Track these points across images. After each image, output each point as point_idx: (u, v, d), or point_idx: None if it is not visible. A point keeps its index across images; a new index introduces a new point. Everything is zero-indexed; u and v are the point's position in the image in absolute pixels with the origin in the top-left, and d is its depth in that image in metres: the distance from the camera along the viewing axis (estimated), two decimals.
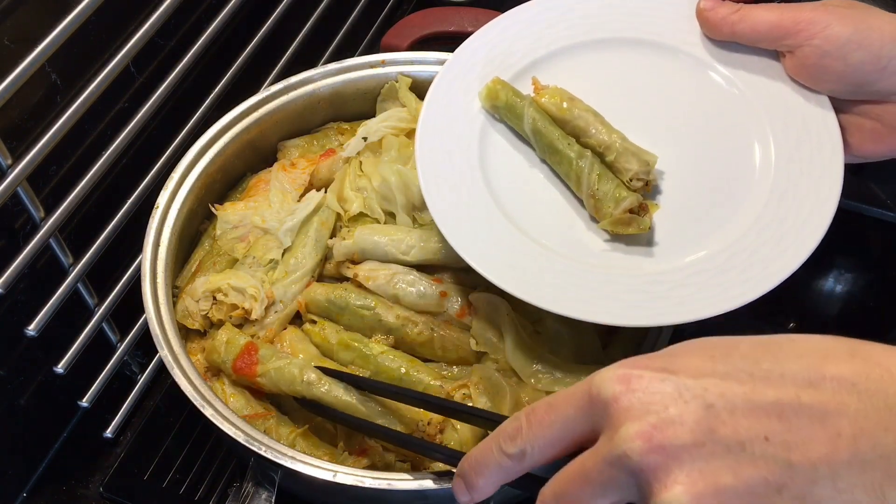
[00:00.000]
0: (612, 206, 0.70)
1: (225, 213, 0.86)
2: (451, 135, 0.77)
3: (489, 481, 0.53)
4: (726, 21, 0.74)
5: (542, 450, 0.49)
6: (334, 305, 0.81)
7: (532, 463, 0.50)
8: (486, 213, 0.73)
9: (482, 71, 0.79)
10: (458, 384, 0.77)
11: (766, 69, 0.75)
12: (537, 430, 0.49)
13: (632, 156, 0.72)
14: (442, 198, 0.73)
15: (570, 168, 0.73)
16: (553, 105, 0.75)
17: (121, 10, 0.83)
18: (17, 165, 0.71)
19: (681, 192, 0.74)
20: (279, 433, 0.75)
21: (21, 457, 0.89)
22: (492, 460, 0.52)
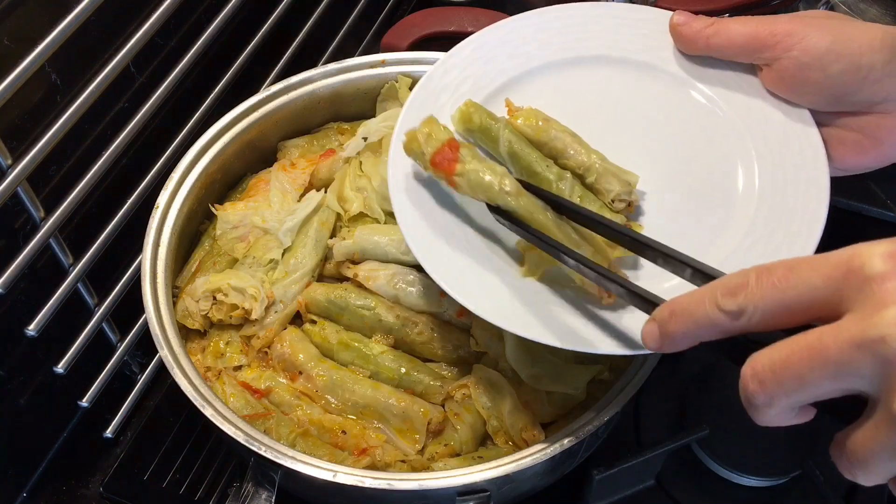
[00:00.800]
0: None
1: (225, 213, 0.86)
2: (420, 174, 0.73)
3: (689, 334, 0.48)
4: (701, 35, 0.73)
5: (766, 313, 0.45)
6: (334, 305, 0.81)
7: (748, 325, 0.45)
8: (463, 237, 0.70)
9: (454, 93, 0.76)
10: (458, 384, 0.77)
11: (743, 84, 0.74)
12: (768, 291, 0.44)
13: (612, 176, 0.70)
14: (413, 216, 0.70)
15: (550, 189, 0.70)
16: (528, 127, 0.73)
17: (121, 10, 0.83)
18: (17, 165, 0.71)
19: (664, 213, 0.72)
20: (279, 433, 0.75)
21: (21, 457, 0.89)
22: (700, 311, 0.47)
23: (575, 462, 0.77)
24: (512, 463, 0.67)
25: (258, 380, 0.79)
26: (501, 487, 0.68)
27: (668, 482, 0.86)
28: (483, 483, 0.66)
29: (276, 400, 0.78)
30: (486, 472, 0.66)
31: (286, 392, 0.78)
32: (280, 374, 0.80)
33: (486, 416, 0.75)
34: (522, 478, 0.69)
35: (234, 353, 0.81)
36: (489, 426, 0.76)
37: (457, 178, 0.68)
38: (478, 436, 0.76)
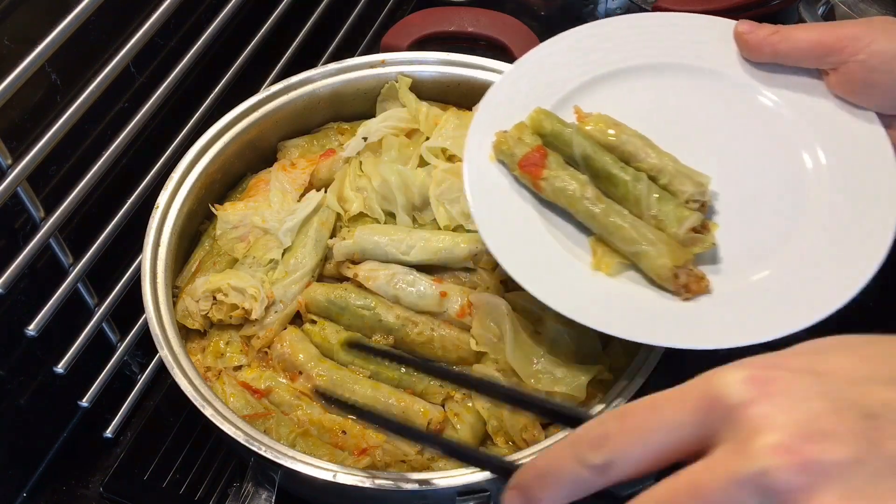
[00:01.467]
0: (676, 225, 0.70)
1: (225, 213, 0.86)
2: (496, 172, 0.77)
3: (557, 496, 0.44)
4: (767, 42, 0.75)
5: (635, 461, 0.42)
6: (334, 305, 0.81)
7: (619, 477, 0.42)
8: (535, 232, 0.73)
9: (524, 101, 0.79)
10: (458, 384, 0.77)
11: (808, 88, 0.75)
12: (633, 436, 0.42)
13: (685, 178, 0.72)
14: (488, 212, 0.73)
15: (627, 191, 0.72)
16: (599, 132, 0.75)
17: (121, 10, 0.83)
18: (17, 165, 0.71)
19: (737, 212, 0.74)
20: (279, 433, 0.75)
21: (21, 457, 0.89)
22: (566, 471, 0.43)
23: None
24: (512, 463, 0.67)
25: (258, 380, 0.79)
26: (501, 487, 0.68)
27: None
28: (483, 483, 0.66)
29: (276, 400, 0.78)
30: (486, 472, 0.66)
31: (286, 392, 0.78)
32: (280, 374, 0.80)
33: (486, 416, 0.75)
34: None
35: (234, 353, 0.81)
36: (489, 426, 0.76)
37: (542, 182, 0.73)
38: (478, 436, 0.76)
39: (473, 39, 1.13)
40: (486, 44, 1.10)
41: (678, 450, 0.41)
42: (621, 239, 0.70)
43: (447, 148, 0.88)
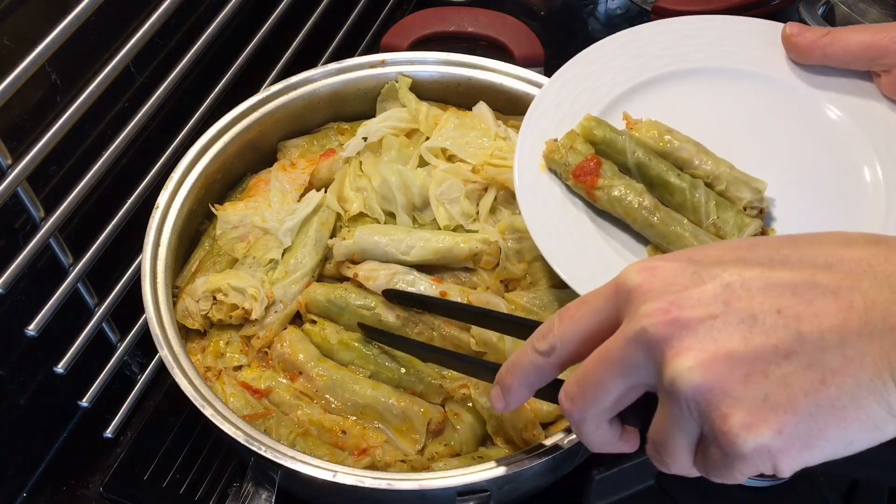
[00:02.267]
0: (737, 233, 0.70)
1: (225, 213, 0.86)
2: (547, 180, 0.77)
3: (523, 382, 0.55)
4: (817, 45, 0.75)
5: (571, 343, 0.51)
6: (334, 305, 0.81)
7: (560, 359, 0.52)
8: (591, 240, 0.73)
9: (570, 108, 0.79)
10: (458, 384, 0.77)
11: (859, 90, 0.75)
12: (567, 324, 0.51)
13: (742, 184, 0.72)
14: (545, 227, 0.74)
15: (684, 199, 0.72)
16: (650, 138, 0.75)
17: (121, 10, 0.83)
18: (17, 165, 0.71)
19: (794, 217, 0.73)
20: (279, 433, 0.75)
21: (21, 457, 0.89)
22: (525, 360, 0.54)
23: (575, 462, 0.77)
24: (512, 463, 0.67)
25: (258, 380, 0.79)
26: (501, 487, 0.68)
27: (668, 482, 0.86)
28: (483, 483, 0.66)
29: (276, 400, 0.78)
30: (486, 472, 0.66)
31: (286, 392, 0.78)
32: (280, 374, 0.80)
33: (486, 417, 0.75)
34: (522, 478, 0.69)
35: (234, 353, 0.81)
36: (489, 426, 0.76)
37: (598, 191, 0.73)
38: (478, 436, 0.76)
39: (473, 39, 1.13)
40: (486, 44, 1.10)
41: (602, 331, 0.49)
42: (682, 248, 0.70)
43: (447, 148, 0.88)
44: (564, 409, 0.51)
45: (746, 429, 0.42)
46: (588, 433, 0.51)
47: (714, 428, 0.43)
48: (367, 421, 0.77)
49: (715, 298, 0.44)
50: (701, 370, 0.42)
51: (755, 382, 0.42)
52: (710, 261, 0.46)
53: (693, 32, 0.81)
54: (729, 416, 0.42)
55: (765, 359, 0.42)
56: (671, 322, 0.44)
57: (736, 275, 0.44)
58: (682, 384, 0.43)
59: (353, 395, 0.77)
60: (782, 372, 0.42)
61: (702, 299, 0.44)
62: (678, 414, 0.45)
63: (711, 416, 0.43)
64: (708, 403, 0.43)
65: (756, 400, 0.42)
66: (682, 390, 0.43)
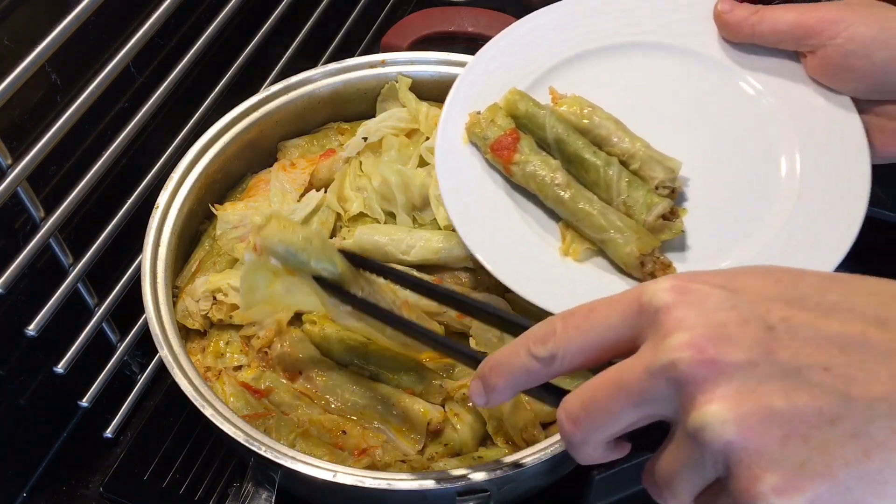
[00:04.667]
0: (645, 211, 0.70)
1: (225, 213, 0.86)
2: (468, 153, 0.76)
3: (509, 384, 0.51)
4: (746, 22, 0.74)
5: (574, 355, 0.47)
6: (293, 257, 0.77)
7: (560, 369, 0.48)
8: (505, 215, 0.73)
9: (500, 80, 0.78)
10: (458, 384, 0.77)
11: (786, 71, 0.74)
12: (573, 334, 0.47)
13: (656, 164, 0.72)
14: (460, 198, 0.73)
15: (598, 176, 0.72)
16: (573, 114, 0.75)
17: (121, 10, 0.83)
18: (17, 165, 0.71)
19: (707, 199, 0.73)
20: (279, 433, 0.75)
21: (21, 457, 0.89)
22: (516, 362, 0.49)
23: (575, 462, 0.76)
24: (512, 463, 0.67)
25: (258, 380, 0.79)
26: (501, 487, 0.68)
27: None
28: (483, 483, 0.66)
29: (276, 400, 0.78)
30: (486, 472, 0.66)
31: (286, 392, 0.78)
32: (280, 375, 0.80)
33: (486, 417, 0.75)
34: (522, 478, 0.69)
35: (234, 353, 0.81)
36: (489, 426, 0.76)
37: (513, 166, 0.73)
38: (478, 436, 0.76)
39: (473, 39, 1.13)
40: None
41: (612, 348, 0.46)
42: (589, 226, 0.70)
43: None
44: (565, 430, 0.47)
45: (778, 494, 0.38)
46: (586, 455, 0.48)
47: (740, 486, 0.39)
48: (367, 421, 0.77)
49: (756, 343, 0.40)
50: (736, 425, 0.39)
51: (794, 445, 0.38)
52: (751, 294, 0.42)
53: (630, 5, 0.80)
54: (760, 479, 0.38)
55: (807, 421, 0.38)
56: (706, 363, 0.40)
57: (780, 319, 0.41)
58: (713, 435, 0.39)
59: (353, 395, 0.77)
60: (824, 437, 0.38)
61: (742, 342, 0.40)
62: (697, 459, 0.41)
63: (739, 474, 0.39)
64: (739, 461, 0.39)
65: (793, 465, 0.38)
66: (710, 441, 0.39)
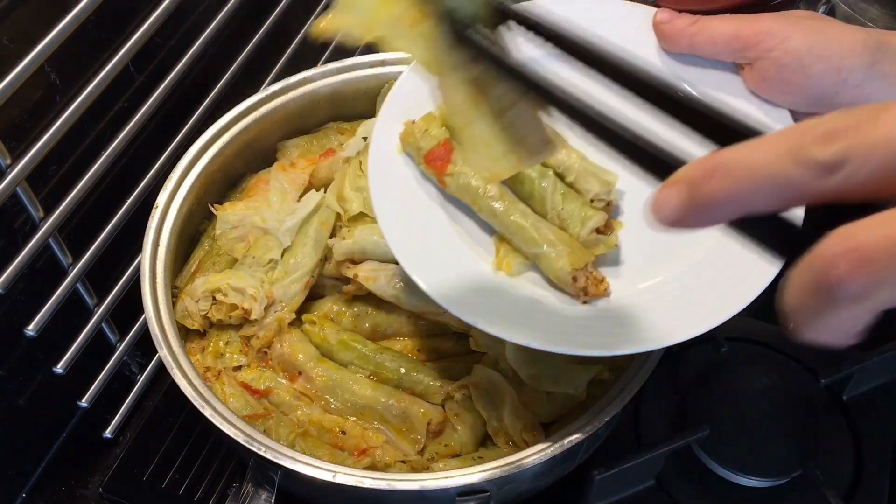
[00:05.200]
0: (579, 225, 0.68)
1: (224, 214, 0.86)
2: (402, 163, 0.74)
3: (738, 197, 0.34)
4: (684, 33, 0.72)
5: (879, 168, 0.31)
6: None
7: (843, 185, 0.31)
8: (438, 226, 0.71)
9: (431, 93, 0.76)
10: (458, 384, 0.77)
11: (725, 83, 0.73)
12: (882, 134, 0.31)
13: (592, 176, 0.70)
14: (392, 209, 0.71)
15: (532, 188, 0.70)
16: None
17: (121, 10, 0.83)
18: (16, 165, 0.71)
19: (643, 213, 0.71)
20: (279, 433, 0.75)
21: (20, 457, 0.89)
22: (768, 163, 0.32)
23: (575, 462, 0.77)
24: (512, 463, 0.67)
25: (258, 380, 0.79)
26: (501, 488, 0.68)
27: (668, 482, 0.86)
28: (483, 483, 0.66)
29: (275, 400, 0.78)
30: (486, 473, 0.66)
31: (286, 392, 0.78)
32: (280, 375, 0.80)
33: (486, 417, 0.75)
34: (522, 478, 0.69)
35: (233, 354, 0.81)
36: (489, 427, 0.75)
37: (447, 178, 0.71)
38: (478, 436, 0.76)
39: None
40: None
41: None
42: (522, 240, 0.69)
43: None
44: (835, 271, 0.31)
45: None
46: (848, 316, 0.32)
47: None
48: (366, 421, 0.76)
49: None
50: None
51: None
52: None
53: (571, 16, 0.79)
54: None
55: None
56: None
57: None
58: None
59: (353, 395, 0.77)
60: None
61: None
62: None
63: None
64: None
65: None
66: None
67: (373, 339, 0.83)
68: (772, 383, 0.88)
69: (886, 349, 0.88)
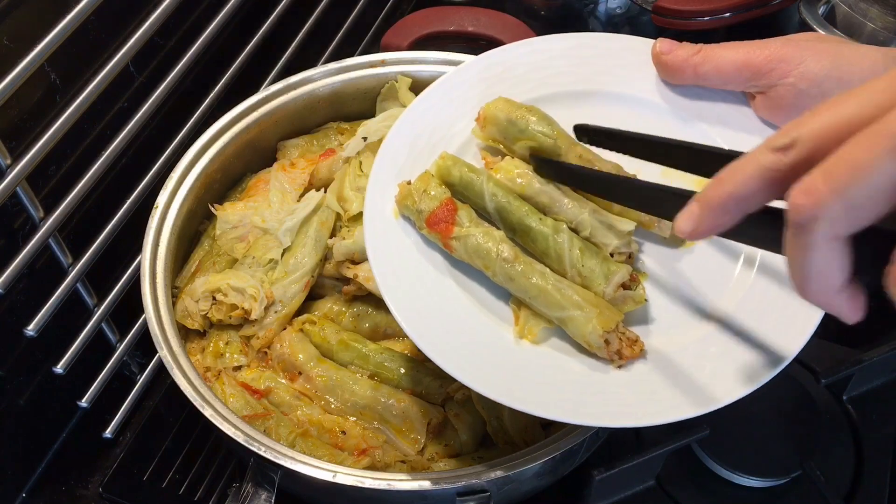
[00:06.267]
0: (604, 282, 0.63)
1: (224, 213, 0.86)
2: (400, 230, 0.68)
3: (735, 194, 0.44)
4: (687, 64, 0.69)
5: (820, 134, 0.41)
6: (514, 126, 0.70)
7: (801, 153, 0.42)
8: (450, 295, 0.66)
9: (427, 142, 0.70)
10: (458, 384, 0.77)
11: (733, 113, 0.69)
12: (823, 116, 0.42)
13: (607, 229, 0.66)
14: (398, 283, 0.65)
15: (547, 245, 0.65)
16: (509, 181, 0.68)
17: (120, 10, 0.83)
18: (16, 165, 0.71)
19: (662, 260, 0.67)
20: (279, 433, 0.75)
21: (20, 457, 0.89)
22: (749, 164, 0.44)
23: (575, 462, 0.77)
24: (512, 463, 0.67)
25: (258, 380, 0.79)
26: (501, 488, 0.68)
27: (668, 482, 0.86)
28: (483, 483, 0.66)
29: (275, 400, 0.78)
30: (486, 473, 0.66)
31: (286, 392, 0.78)
32: (280, 375, 0.80)
33: (486, 417, 0.75)
34: (522, 478, 0.69)
35: (233, 354, 0.81)
36: (489, 427, 0.75)
37: (453, 241, 0.65)
38: (478, 436, 0.76)
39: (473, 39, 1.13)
40: (486, 43, 1.10)
41: (869, 118, 0.39)
42: (545, 304, 0.63)
43: None
44: (794, 207, 0.40)
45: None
46: (820, 250, 0.40)
47: None
48: (366, 421, 0.77)
49: None
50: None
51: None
52: None
53: (562, 53, 0.74)
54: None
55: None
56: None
57: None
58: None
59: (353, 395, 0.77)
60: None
61: None
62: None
63: None
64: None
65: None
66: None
67: (373, 339, 0.83)
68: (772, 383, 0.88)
69: (886, 349, 0.88)
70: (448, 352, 0.61)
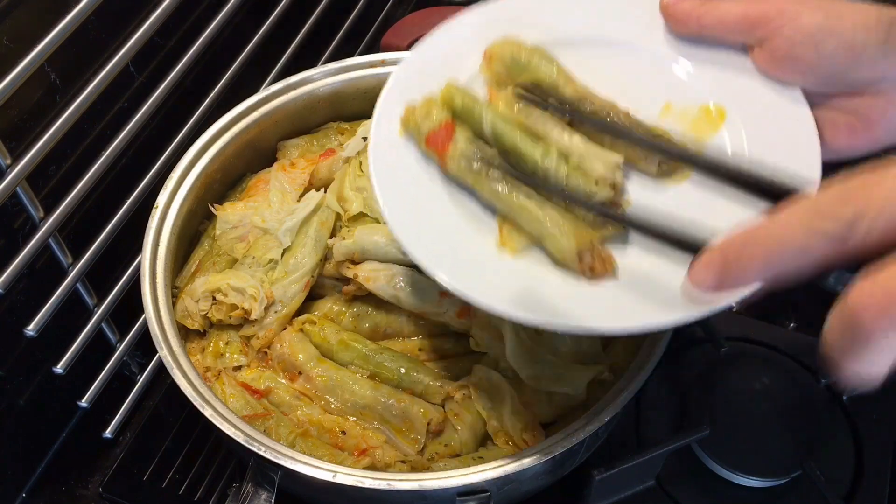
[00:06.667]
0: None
1: (224, 213, 0.86)
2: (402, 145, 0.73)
3: (770, 263, 0.41)
4: (692, 15, 0.72)
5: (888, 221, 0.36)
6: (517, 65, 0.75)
7: (861, 243, 0.37)
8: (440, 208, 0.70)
9: (437, 73, 0.74)
10: (458, 384, 0.77)
11: (735, 64, 0.72)
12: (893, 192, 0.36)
13: (595, 158, 0.68)
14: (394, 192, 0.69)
15: (535, 167, 0.69)
16: (508, 108, 0.72)
17: (120, 10, 0.83)
18: (16, 165, 0.71)
19: (651, 192, 0.70)
20: (279, 433, 0.75)
21: (20, 457, 0.89)
22: (790, 235, 0.39)
23: (575, 462, 0.77)
24: (512, 463, 0.67)
25: (258, 380, 0.79)
26: (501, 488, 0.68)
27: (668, 482, 0.86)
28: (483, 483, 0.66)
29: (275, 400, 0.78)
30: (486, 473, 0.66)
31: (286, 392, 0.78)
32: (280, 375, 0.80)
33: (487, 417, 0.75)
34: (523, 478, 0.69)
35: (233, 354, 0.81)
36: (489, 427, 0.76)
37: (448, 159, 0.70)
38: (478, 436, 0.76)
39: None
40: None
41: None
42: (526, 220, 0.67)
43: None
44: (860, 318, 0.37)
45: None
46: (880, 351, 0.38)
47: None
48: (366, 421, 0.77)
49: None
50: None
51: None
52: None
53: (572, 7, 0.78)
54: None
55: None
56: None
57: None
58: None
59: (353, 395, 0.77)
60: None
61: None
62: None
63: None
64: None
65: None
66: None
67: (373, 339, 0.83)
68: (772, 383, 0.88)
69: None
70: (431, 254, 0.65)
